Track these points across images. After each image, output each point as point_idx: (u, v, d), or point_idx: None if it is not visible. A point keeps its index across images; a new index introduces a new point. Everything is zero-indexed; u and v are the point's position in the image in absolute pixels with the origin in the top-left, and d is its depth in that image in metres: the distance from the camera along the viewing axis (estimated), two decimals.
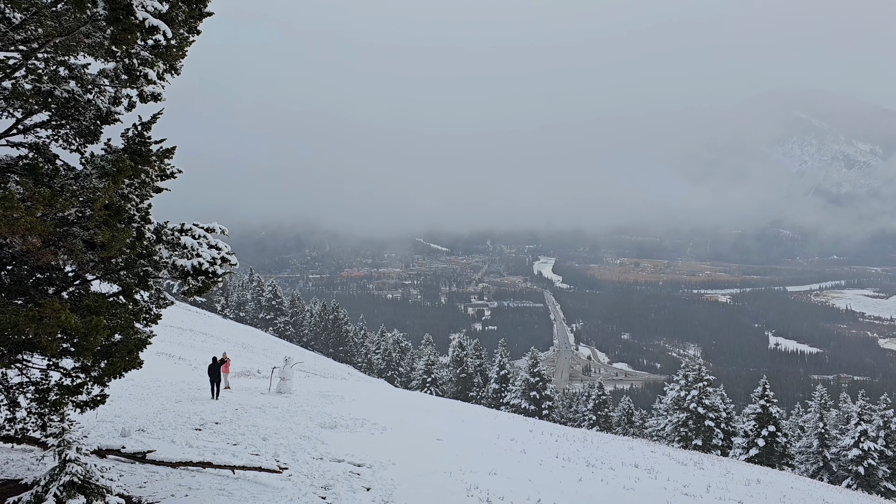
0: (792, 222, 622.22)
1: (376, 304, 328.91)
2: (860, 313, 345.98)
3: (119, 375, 11.68)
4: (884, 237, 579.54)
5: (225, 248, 13.00)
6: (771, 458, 52.81)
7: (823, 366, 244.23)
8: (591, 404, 74.23)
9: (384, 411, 26.66)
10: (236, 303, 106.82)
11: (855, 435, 52.16)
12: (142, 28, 9.98)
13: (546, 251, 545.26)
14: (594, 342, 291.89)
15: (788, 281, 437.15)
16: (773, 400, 54.47)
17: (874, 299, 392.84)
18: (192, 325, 66.14)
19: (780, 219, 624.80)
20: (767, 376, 60.62)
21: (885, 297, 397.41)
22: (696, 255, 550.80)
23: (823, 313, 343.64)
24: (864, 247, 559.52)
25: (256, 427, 20.64)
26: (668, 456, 30.08)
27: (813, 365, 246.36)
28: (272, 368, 33.31)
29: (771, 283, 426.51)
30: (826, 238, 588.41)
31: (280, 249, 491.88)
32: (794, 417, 62.66)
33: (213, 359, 27.38)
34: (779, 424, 54.02)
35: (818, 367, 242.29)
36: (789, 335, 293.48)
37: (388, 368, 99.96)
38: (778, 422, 54.06)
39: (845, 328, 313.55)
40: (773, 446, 53.11)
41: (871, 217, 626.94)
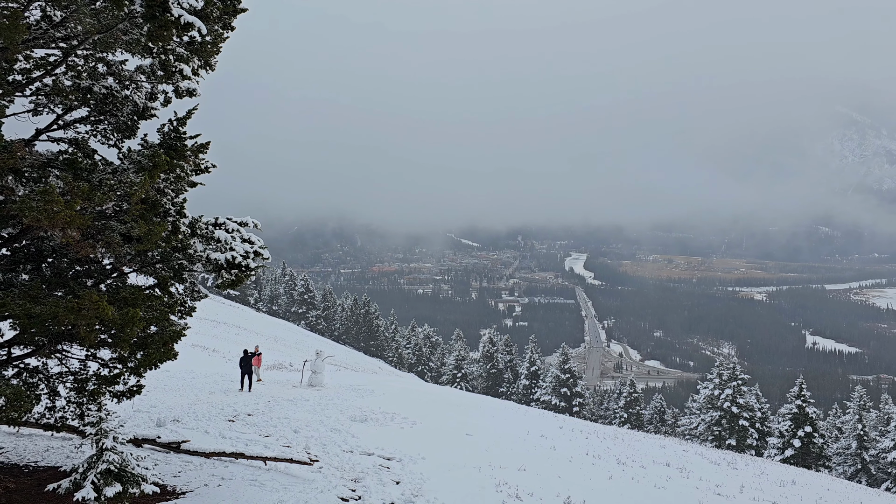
0: (831, 219, 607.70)
1: (407, 298, 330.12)
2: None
3: (155, 366, 11.91)
4: None
5: (258, 242, 13.16)
6: (807, 459, 51.80)
7: (863, 366, 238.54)
8: (622, 402, 73.63)
9: (414, 406, 26.75)
10: (269, 296, 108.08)
11: (895, 437, 50.91)
12: (177, 25, 10.12)
13: (578, 247, 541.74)
14: (626, 339, 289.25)
15: (827, 279, 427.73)
16: (809, 400, 53.40)
17: None
18: (226, 317, 67.10)
19: (818, 215, 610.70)
20: (804, 376, 59.45)
21: None
22: (731, 252, 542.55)
23: (863, 312, 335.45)
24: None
25: (288, 419, 20.87)
26: (701, 455, 29.69)
27: (852, 365, 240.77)
28: (304, 362, 33.64)
29: (809, 281, 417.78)
30: (867, 235, 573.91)
31: (313, 244, 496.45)
32: (831, 418, 61.36)
33: (245, 351, 27.71)
34: (815, 425, 52.94)
35: (857, 367, 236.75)
36: (827, 334, 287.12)
37: (419, 363, 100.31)
38: (815, 422, 52.99)
39: (886, 328, 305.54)
40: (810, 447, 52.09)
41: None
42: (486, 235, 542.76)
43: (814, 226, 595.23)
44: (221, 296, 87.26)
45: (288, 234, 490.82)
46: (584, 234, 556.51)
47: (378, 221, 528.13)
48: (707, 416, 57.67)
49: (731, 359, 62.94)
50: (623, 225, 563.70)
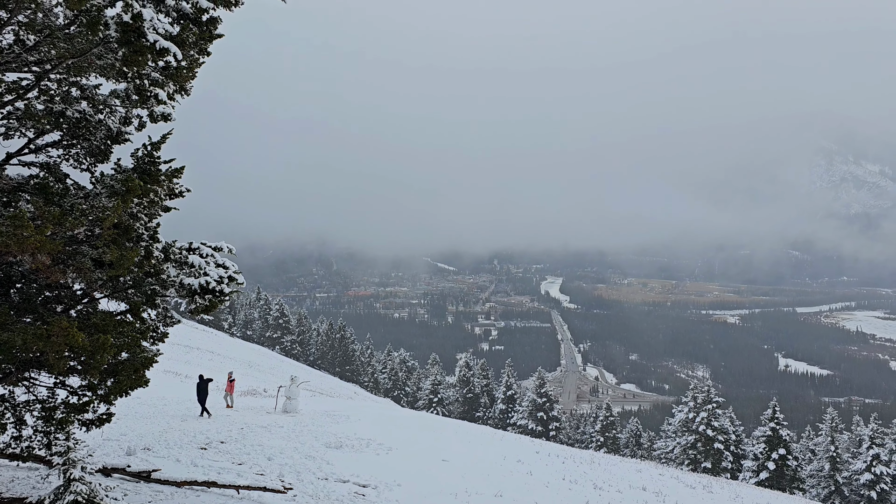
0: (802, 244, 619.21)
1: (383, 323, 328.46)
2: (871, 335, 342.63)
3: (125, 394, 11.70)
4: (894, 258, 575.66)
5: (232, 266, 13.07)
6: (781, 481, 52.15)
7: (834, 388, 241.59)
8: (598, 426, 73.65)
9: (390, 431, 26.52)
10: (243, 321, 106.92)
11: (867, 459, 51.51)
12: (153, 50, 10.13)
13: (553, 271, 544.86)
14: (602, 363, 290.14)
15: (798, 302, 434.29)
16: (783, 423, 53.92)
17: (885, 321, 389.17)
18: (199, 343, 66.17)
19: (789, 240, 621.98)
20: (777, 398, 60.10)
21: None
22: (704, 275, 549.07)
23: (834, 335, 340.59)
24: (874, 268, 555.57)
25: (262, 446, 20.56)
26: (677, 479, 29.76)
27: (823, 387, 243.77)
28: (278, 387, 33.25)
29: (780, 304, 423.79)
30: (836, 259, 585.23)
31: (289, 268, 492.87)
32: (804, 440, 61.93)
33: (200, 377, 27.29)
34: (789, 447, 53.42)
35: (829, 389, 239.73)
36: (799, 357, 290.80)
37: (395, 388, 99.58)
38: (788, 445, 53.47)
39: (856, 350, 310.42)
40: (784, 470, 52.48)
41: (881, 238, 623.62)
42: (463, 260, 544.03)
43: (785, 250, 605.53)
44: (195, 321, 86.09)
45: (264, 258, 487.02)
46: (563, 258, 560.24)
47: (358, 245, 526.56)
48: (682, 439, 57.91)
49: (706, 382, 63.38)
50: (605, 250, 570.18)
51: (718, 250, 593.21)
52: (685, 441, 57.44)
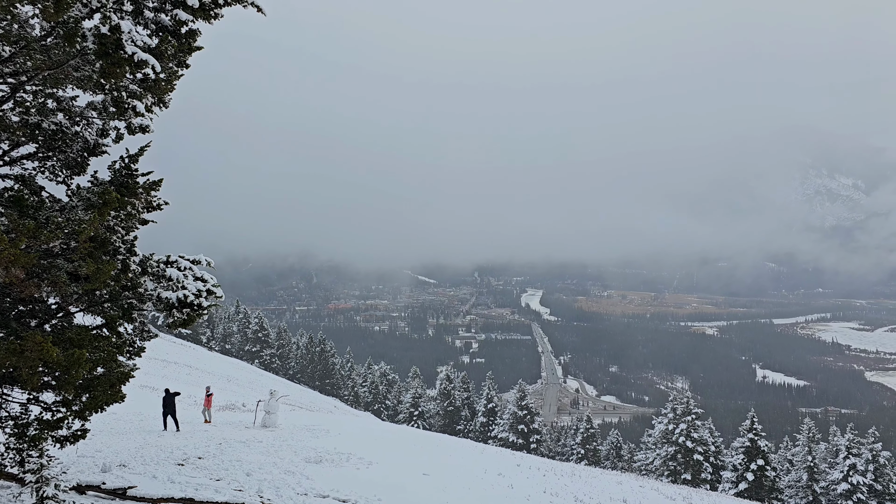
0: (777, 256, 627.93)
1: (363, 336, 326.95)
2: (846, 346, 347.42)
3: (101, 409, 11.52)
4: (868, 270, 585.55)
5: (211, 280, 12.96)
6: (760, 492, 52.50)
7: (811, 398, 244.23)
8: (579, 438, 73.71)
9: (370, 445, 26.35)
10: (222, 335, 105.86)
11: (844, 469, 52.03)
12: (131, 62, 10.07)
13: (533, 283, 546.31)
14: (582, 375, 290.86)
15: (774, 313, 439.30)
16: (761, 433, 54.35)
17: (860, 332, 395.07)
18: (177, 357, 65.39)
19: (765, 252, 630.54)
20: (755, 409, 60.62)
21: (871, 330, 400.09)
22: (683, 287, 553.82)
23: (810, 346, 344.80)
24: (849, 279, 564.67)
25: (240, 462, 20.31)
26: (657, 491, 29.84)
27: (800, 398, 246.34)
28: (257, 402, 32.92)
29: (757, 316, 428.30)
30: (812, 271, 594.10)
31: (268, 281, 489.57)
32: (782, 451, 62.45)
33: (166, 391, 26.94)
34: (767, 458, 53.82)
35: (806, 399, 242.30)
36: (776, 368, 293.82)
37: (375, 401, 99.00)
38: (766, 455, 53.87)
39: (832, 360, 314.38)
40: (762, 480, 52.84)
41: (855, 250, 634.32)
42: (446, 273, 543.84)
43: (762, 262, 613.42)
44: (172, 335, 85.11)
45: (244, 271, 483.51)
46: (545, 271, 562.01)
47: (341, 258, 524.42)
48: (662, 450, 58.13)
49: (685, 393, 63.78)
50: (587, 262, 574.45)
51: (698, 263, 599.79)
52: (665, 452, 57.66)
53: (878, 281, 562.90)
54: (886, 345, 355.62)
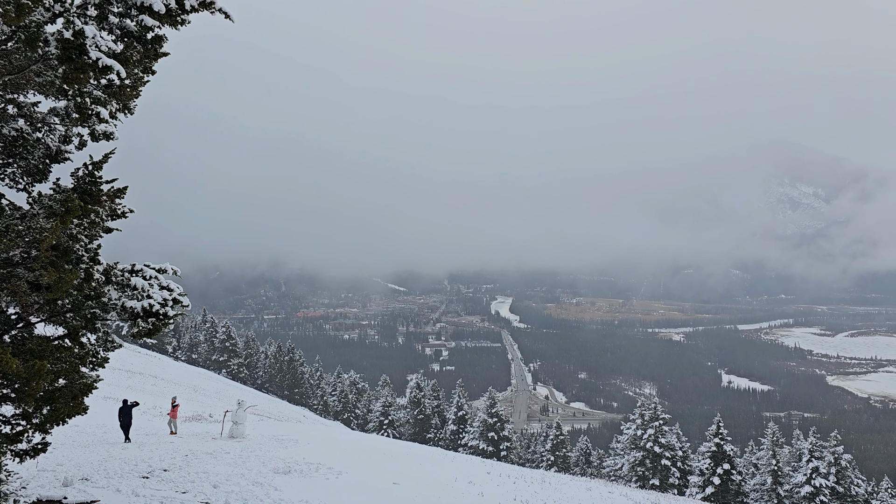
0: (742, 262, 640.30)
1: (333, 344, 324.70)
2: (808, 351, 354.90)
3: (62, 422, 11.26)
4: (829, 277, 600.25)
5: (177, 289, 12.76)
6: (726, 496, 53.22)
7: (775, 403, 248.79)
8: (549, 445, 73.98)
9: (340, 455, 26.14)
10: (188, 344, 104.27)
11: (807, 472, 53.00)
12: (95, 67, 9.90)
13: (503, 290, 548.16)
14: (551, 381, 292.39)
15: (739, 319, 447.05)
16: (727, 438, 55.14)
17: (821, 337, 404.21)
18: (142, 368, 64.22)
19: (730, 259, 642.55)
20: (721, 414, 61.53)
21: (832, 335, 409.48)
22: (650, 294, 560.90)
23: (773, 351, 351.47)
24: (810, 286, 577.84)
25: (207, 474, 19.99)
26: (626, 496, 30.09)
27: (765, 402, 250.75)
28: (224, 412, 32.46)
29: (723, 322, 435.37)
30: (775, 277, 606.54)
31: (238, 289, 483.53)
32: (747, 455, 63.42)
33: (124, 401, 26.46)
34: (733, 462, 54.61)
35: (770, 404, 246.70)
36: (741, 373, 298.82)
37: (345, 410, 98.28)
38: (732, 459, 54.66)
39: (794, 366, 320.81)
40: (729, 484, 53.59)
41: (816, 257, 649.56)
42: (417, 281, 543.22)
43: (727, 269, 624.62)
44: (137, 344, 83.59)
45: (212, 280, 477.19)
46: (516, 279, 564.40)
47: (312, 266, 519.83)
48: (631, 456, 58.63)
49: (653, 399, 64.48)
50: (558, 270, 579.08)
51: (666, 270, 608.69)
52: (633, 458, 58.17)
53: (839, 287, 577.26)
54: (847, 350, 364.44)
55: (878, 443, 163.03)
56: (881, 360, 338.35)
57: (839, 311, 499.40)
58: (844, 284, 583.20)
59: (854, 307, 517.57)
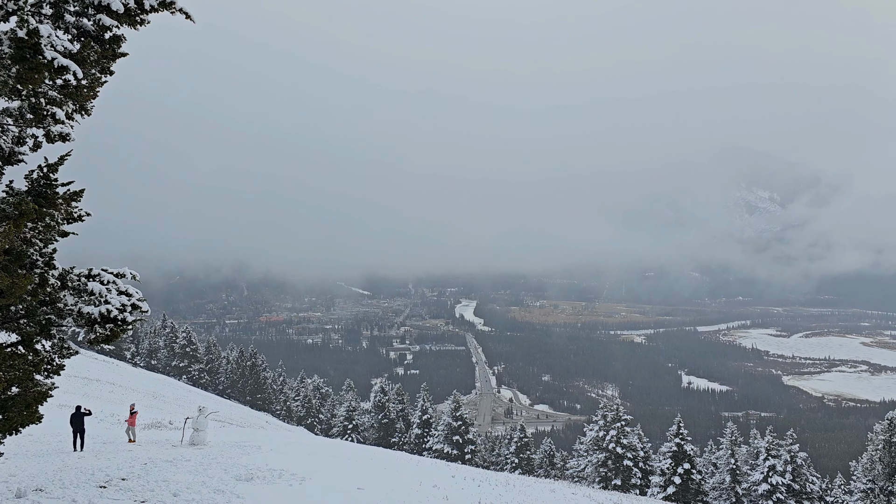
0: (701, 265, 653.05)
1: (296, 349, 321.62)
2: (765, 352, 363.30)
3: (16, 431, 10.96)
4: (785, 279, 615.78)
5: (136, 294, 12.52)
6: (686, 495, 54.09)
7: (733, 403, 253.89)
8: (513, 447, 74.28)
9: (303, 461, 25.89)
10: (148, 350, 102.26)
11: (764, 470, 54.17)
12: (50, 67, 9.68)
13: (467, 294, 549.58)
14: (516, 384, 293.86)
15: (699, 321, 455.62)
16: (687, 438, 56.06)
17: (777, 338, 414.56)
18: (99, 374, 62.76)
19: (690, 262, 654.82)
20: (681, 414, 62.53)
21: (787, 336, 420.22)
22: (612, 296, 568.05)
23: (732, 352, 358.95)
24: (767, 288, 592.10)
25: (167, 482, 19.61)
26: (589, 497, 30.38)
27: (723, 402, 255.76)
28: (185, 419, 31.91)
29: (683, 324, 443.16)
30: (732, 280, 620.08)
31: (199, 293, 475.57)
32: (707, 454, 64.58)
33: (77, 408, 25.87)
34: (693, 462, 55.54)
35: (728, 404, 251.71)
36: (701, 374, 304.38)
37: (308, 416, 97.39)
38: (693, 459, 55.59)
39: (752, 366, 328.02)
40: (689, 483, 54.48)
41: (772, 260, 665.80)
42: (382, 285, 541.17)
43: (686, 272, 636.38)
44: (95, 351, 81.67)
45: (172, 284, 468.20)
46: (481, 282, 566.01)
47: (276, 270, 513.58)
48: (594, 457, 59.22)
49: (615, 400, 65.32)
50: (524, 273, 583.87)
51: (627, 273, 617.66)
52: (596, 459, 58.76)
53: (794, 289, 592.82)
54: (802, 350, 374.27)
55: (831, 440, 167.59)
56: (834, 360, 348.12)
57: (794, 313, 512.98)
58: (800, 287, 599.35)
59: (809, 309, 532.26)
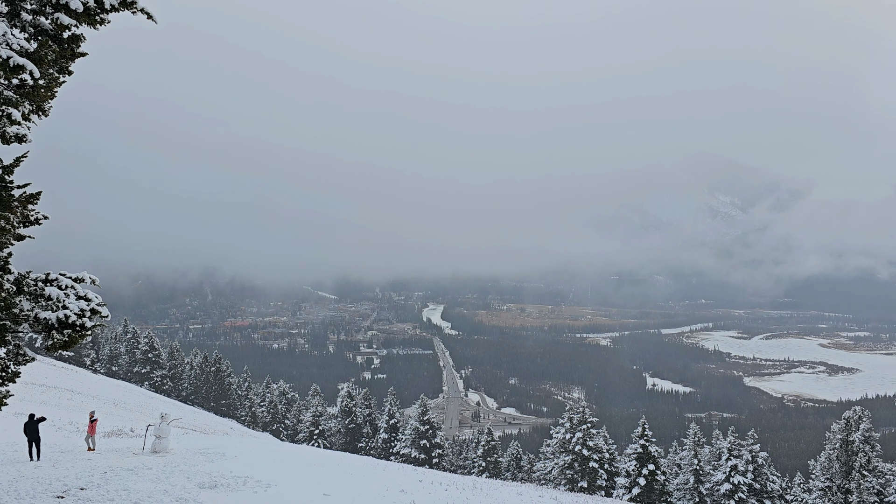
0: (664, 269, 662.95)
1: (262, 354, 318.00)
2: (727, 353, 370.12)
3: None
4: (745, 282, 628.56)
5: (95, 298, 12.24)
6: (651, 496, 54.74)
7: (696, 404, 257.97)
8: (480, 451, 74.40)
9: (268, 467, 25.59)
10: (108, 356, 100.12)
11: (726, 470, 55.09)
12: (5, 66, 9.44)
13: (434, 298, 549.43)
14: (483, 388, 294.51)
15: (662, 324, 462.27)
16: (651, 439, 56.75)
17: (738, 340, 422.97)
18: (58, 381, 61.26)
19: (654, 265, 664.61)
20: (646, 416, 63.28)
21: (748, 338, 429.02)
22: (578, 300, 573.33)
23: (695, 354, 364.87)
24: (728, 291, 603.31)
25: (128, 491, 19.20)
26: (555, 499, 30.56)
27: (687, 404, 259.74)
28: (147, 426, 31.29)
29: (647, 327, 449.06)
30: (695, 283, 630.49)
31: (162, 298, 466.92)
32: (671, 455, 65.43)
33: (31, 416, 25.26)
34: (658, 463, 56.23)
35: (691, 405, 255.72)
36: (665, 376, 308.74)
37: (274, 421, 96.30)
38: (657, 460, 56.28)
39: (714, 368, 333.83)
40: (654, 484, 55.14)
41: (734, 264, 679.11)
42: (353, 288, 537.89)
43: (650, 275, 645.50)
44: (53, 357, 79.68)
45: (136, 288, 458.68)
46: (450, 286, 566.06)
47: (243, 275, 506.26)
48: (560, 459, 59.58)
49: (581, 403, 65.81)
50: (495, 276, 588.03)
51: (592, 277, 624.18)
52: (563, 461, 59.13)
53: (755, 292, 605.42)
54: (762, 352, 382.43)
55: (791, 440, 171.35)
56: (793, 361, 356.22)
57: (755, 315, 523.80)
58: (760, 289, 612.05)
59: (769, 311, 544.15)
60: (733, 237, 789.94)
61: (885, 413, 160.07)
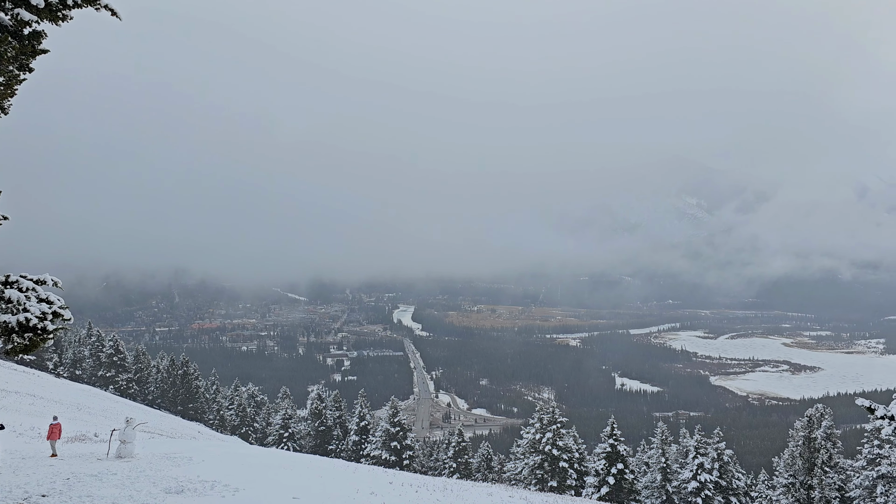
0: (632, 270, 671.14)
1: (230, 356, 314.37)
2: (693, 353, 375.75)
3: None
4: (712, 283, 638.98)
5: (58, 301, 11.99)
6: (620, 494, 55.30)
7: (664, 403, 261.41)
8: (451, 452, 74.46)
9: (237, 471, 25.28)
10: (72, 360, 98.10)
11: (693, 468, 55.88)
12: None
13: (405, 299, 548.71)
14: (453, 389, 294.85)
15: (631, 324, 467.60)
16: (620, 438, 57.34)
17: (705, 340, 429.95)
18: (18, 386, 59.82)
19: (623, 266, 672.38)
20: (615, 415, 63.94)
21: (714, 338, 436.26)
22: (547, 301, 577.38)
23: (662, 354, 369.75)
24: (695, 291, 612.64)
25: (91, 497, 18.82)
26: (525, 500, 30.69)
27: (655, 403, 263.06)
28: (111, 431, 30.70)
29: (616, 327, 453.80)
30: (663, 284, 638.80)
31: (127, 300, 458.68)
32: (640, 454, 66.13)
33: None
34: (626, 462, 56.84)
35: (659, 404, 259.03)
36: (633, 376, 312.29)
37: (243, 425, 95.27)
38: (626, 459, 56.88)
39: (681, 367, 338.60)
40: (622, 483, 55.71)
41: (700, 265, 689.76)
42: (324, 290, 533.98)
43: (619, 276, 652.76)
44: (13, 361, 77.81)
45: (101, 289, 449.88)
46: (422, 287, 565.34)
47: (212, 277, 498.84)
48: (530, 459, 59.88)
49: (551, 403, 66.20)
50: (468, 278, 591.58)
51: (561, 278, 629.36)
52: (533, 462, 59.44)
53: (721, 292, 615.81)
54: (728, 351, 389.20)
55: (755, 438, 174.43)
56: (758, 360, 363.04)
57: (720, 315, 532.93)
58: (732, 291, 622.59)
59: (734, 311, 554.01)
60: (700, 238, 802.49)
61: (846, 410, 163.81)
